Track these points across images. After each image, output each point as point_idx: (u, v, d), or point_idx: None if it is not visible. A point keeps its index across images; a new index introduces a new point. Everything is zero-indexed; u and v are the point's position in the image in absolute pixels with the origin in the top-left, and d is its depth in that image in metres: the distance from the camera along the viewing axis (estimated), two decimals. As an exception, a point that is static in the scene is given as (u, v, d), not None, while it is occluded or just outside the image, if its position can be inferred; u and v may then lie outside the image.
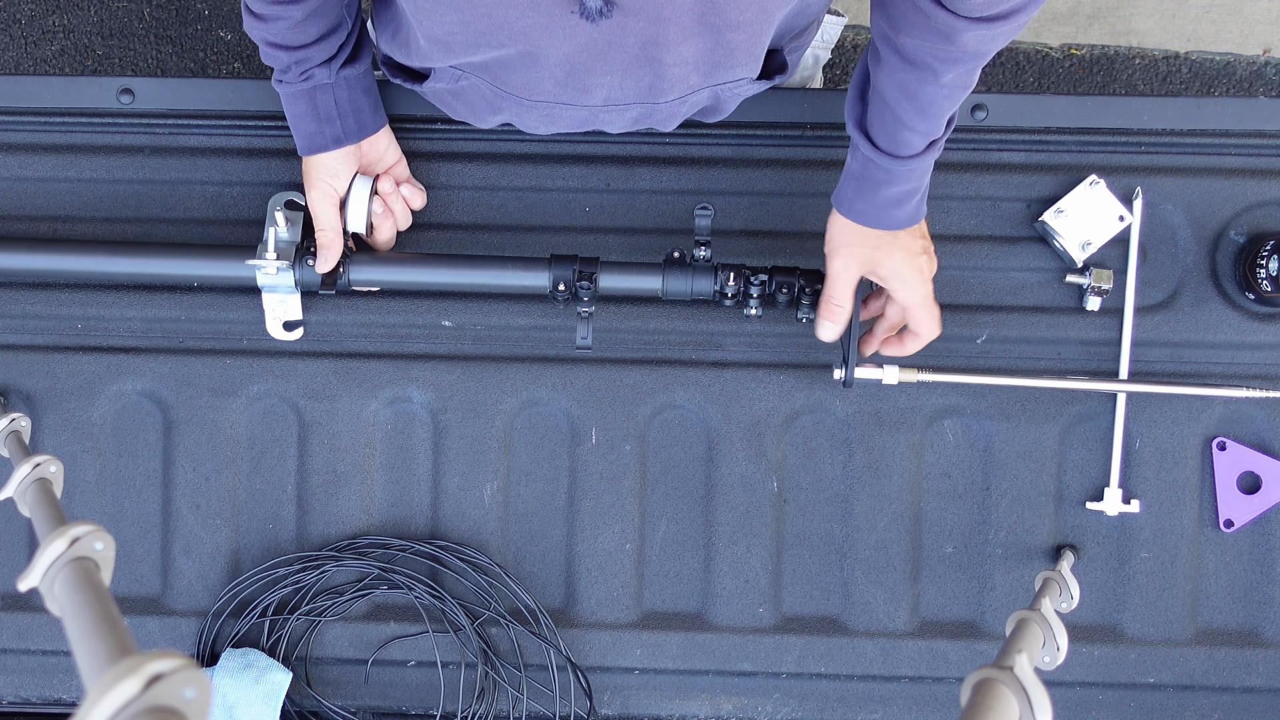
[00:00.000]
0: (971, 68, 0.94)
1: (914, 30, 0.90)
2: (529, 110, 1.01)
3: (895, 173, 1.00)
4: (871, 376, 1.12)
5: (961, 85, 0.95)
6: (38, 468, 0.80)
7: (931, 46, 0.90)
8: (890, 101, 0.96)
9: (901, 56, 0.93)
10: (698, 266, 1.11)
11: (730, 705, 1.22)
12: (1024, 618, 0.80)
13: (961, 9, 0.86)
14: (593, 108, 0.98)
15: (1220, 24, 2.15)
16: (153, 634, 1.21)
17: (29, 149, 1.21)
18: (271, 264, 1.11)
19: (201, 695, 0.42)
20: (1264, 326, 1.19)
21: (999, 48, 0.93)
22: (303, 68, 1.05)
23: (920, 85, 0.94)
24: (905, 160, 0.99)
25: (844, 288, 1.07)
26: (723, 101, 1.06)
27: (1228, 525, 1.20)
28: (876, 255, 1.05)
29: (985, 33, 0.88)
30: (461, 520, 1.21)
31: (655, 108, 1.00)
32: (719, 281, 1.10)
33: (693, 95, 0.99)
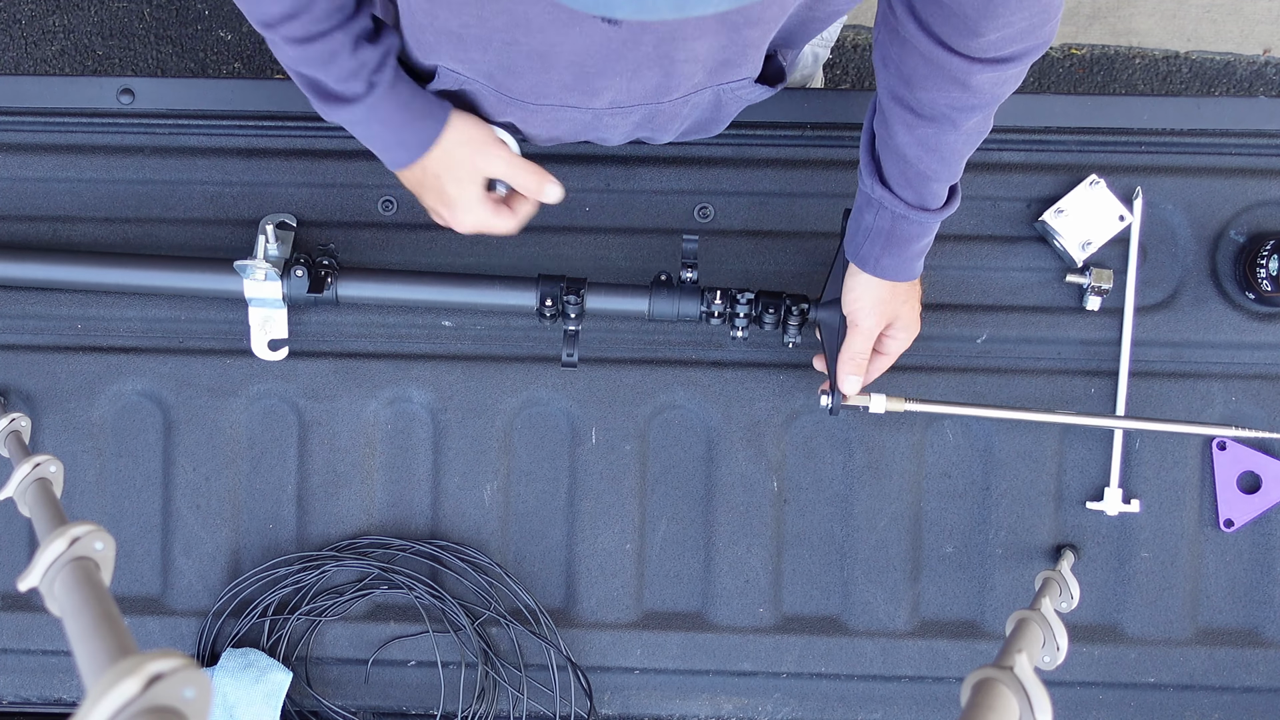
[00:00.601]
0: (987, 114, 0.94)
1: (928, 83, 0.90)
2: (534, 114, 1.00)
3: (928, 225, 1.01)
4: (859, 404, 1.12)
5: (979, 131, 0.96)
6: (38, 468, 0.81)
7: (948, 96, 0.91)
8: (912, 158, 0.96)
9: (918, 113, 0.93)
10: (684, 289, 1.11)
11: (730, 705, 1.22)
12: (1024, 617, 0.80)
13: (974, 51, 0.87)
14: (598, 110, 0.98)
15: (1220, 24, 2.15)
16: (153, 634, 1.21)
17: (29, 149, 1.21)
18: (261, 268, 1.11)
19: (201, 695, 0.42)
20: (1264, 326, 1.19)
21: (1009, 91, 0.93)
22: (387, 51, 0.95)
23: (941, 137, 0.94)
24: (936, 212, 1.00)
25: (870, 343, 1.08)
26: (722, 107, 1.06)
27: (1228, 525, 1.20)
28: (899, 308, 1.07)
29: (996, 75, 0.89)
30: (462, 520, 1.21)
31: (659, 109, 0.99)
32: (705, 303, 1.11)
33: (696, 95, 0.99)
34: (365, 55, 0.94)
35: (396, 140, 1.00)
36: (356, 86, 0.94)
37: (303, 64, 0.93)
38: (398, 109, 0.97)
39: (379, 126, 0.98)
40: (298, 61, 0.93)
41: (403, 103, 0.98)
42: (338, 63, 0.93)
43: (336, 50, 0.92)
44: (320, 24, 0.90)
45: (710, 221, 1.21)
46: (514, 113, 1.01)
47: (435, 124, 1.00)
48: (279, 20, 0.89)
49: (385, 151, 1.01)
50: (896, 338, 1.09)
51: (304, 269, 1.12)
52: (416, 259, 1.20)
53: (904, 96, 0.93)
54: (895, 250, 1.03)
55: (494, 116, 1.04)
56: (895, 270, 1.04)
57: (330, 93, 0.95)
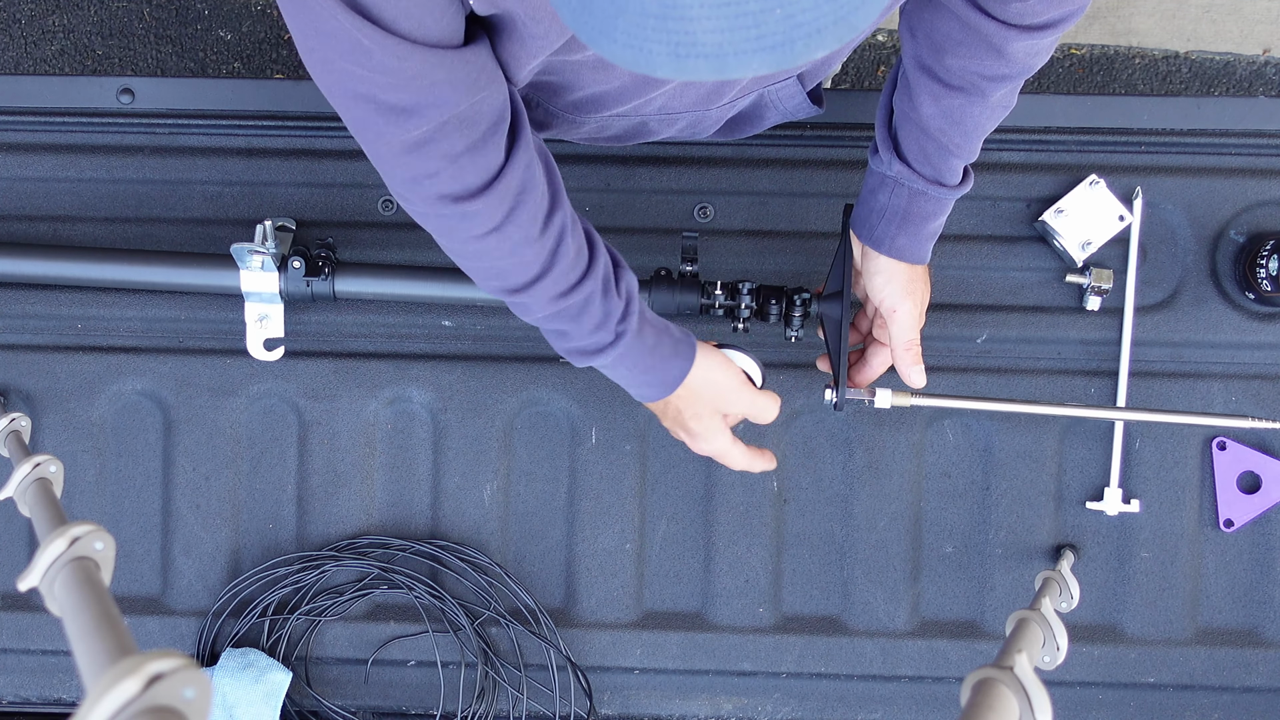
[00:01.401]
0: (1015, 86, 0.93)
1: (961, 50, 0.89)
2: (582, 124, 0.99)
3: (944, 203, 1.00)
4: (863, 398, 1.11)
5: (1004, 104, 0.95)
6: (38, 468, 0.80)
7: (980, 64, 0.90)
8: (934, 131, 0.95)
9: (946, 84, 0.92)
10: (684, 281, 1.11)
11: (730, 705, 1.22)
12: (1024, 617, 0.80)
13: (1011, 17, 0.86)
14: (646, 116, 0.97)
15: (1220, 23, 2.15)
16: (153, 634, 1.21)
17: (29, 149, 1.21)
18: (257, 254, 1.10)
19: (201, 695, 0.42)
20: (1264, 326, 1.19)
21: (1041, 62, 0.92)
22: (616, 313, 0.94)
23: (968, 109, 0.93)
24: (952, 189, 0.99)
25: (917, 326, 1.06)
26: (765, 108, 1.06)
27: (1228, 525, 1.20)
28: (923, 289, 1.05)
29: (1031, 43, 0.88)
30: (461, 520, 1.21)
31: (706, 114, 0.99)
32: (706, 295, 1.11)
33: (742, 99, 0.99)
34: (612, 305, 0.94)
35: (643, 381, 1.00)
36: (604, 337, 0.94)
37: (554, 320, 0.93)
38: (644, 354, 0.97)
39: (625, 371, 0.99)
40: (550, 319, 0.93)
41: (649, 348, 0.98)
42: (589, 313, 0.92)
43: (589, 300, 0.92)
44: (569, 277, 0.90)
45: (710, 221, 1.21)
46: (561, 125, 1.00)
47: (682, 365, 1.00)
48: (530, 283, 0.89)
49: (631, 389, 1.02)
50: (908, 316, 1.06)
51: (301, 260, 1.12)
52: (416, 258, 1.20)
53: (932, 66, 0.92)
54: (911, 229, 1.01)
55: (548, 124, 1.02)
56: (910, 250, 1.02)
57: (579, 346, 0.95)
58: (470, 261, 0.90)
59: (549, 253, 0.88)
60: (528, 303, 0.91)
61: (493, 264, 0.88)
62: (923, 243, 1.02)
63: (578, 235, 0.91)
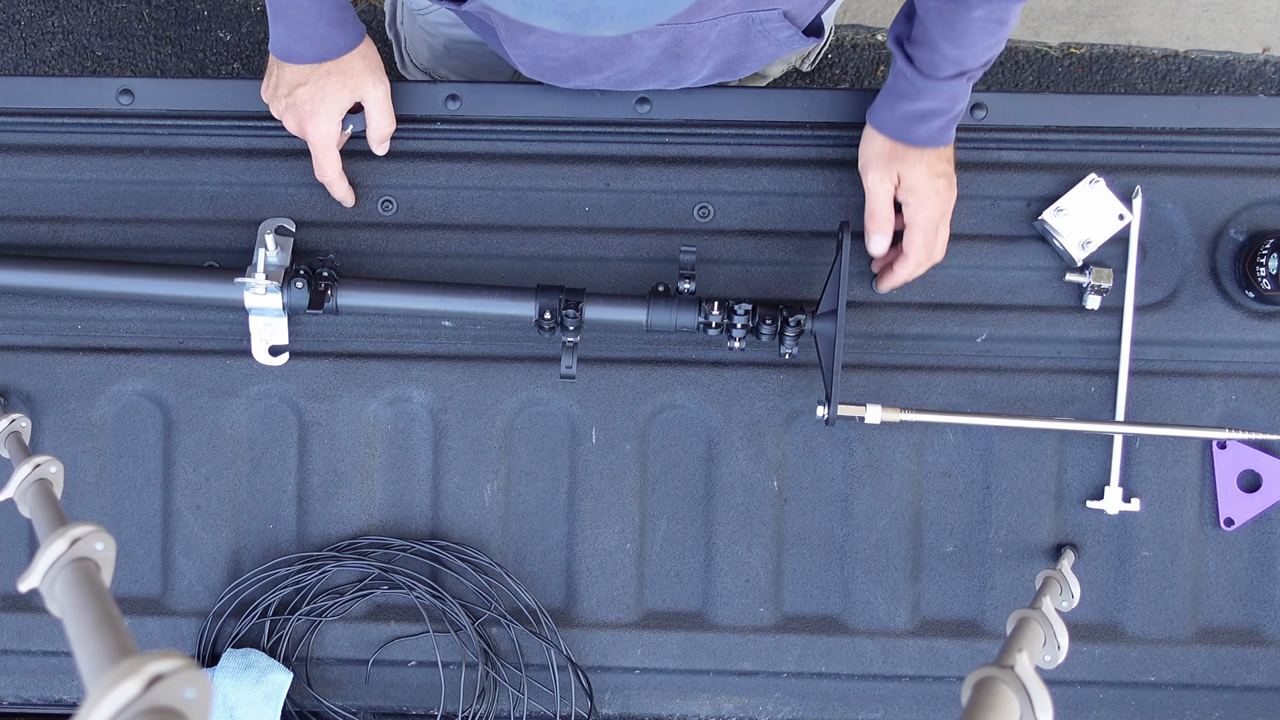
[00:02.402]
0: (1004, 4, 0.98)
1: None
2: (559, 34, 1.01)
3: (919, 88, 1.04)
4: (854, 415, 1.12)
5: (996, 20, 0.99)
6: (38, 468, 0.80)
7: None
8: (928, 24, 1.01)
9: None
10: (682, 299, 1.12)
11: (731, 705, 1.22)
12: (1025, 616, 0.80)
13: None
14: None
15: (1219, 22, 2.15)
16: (153, 634, 1.21)
17: (28, 150, 1.21)
18: (260, 284, 1.12)
19: (202, 696, 0.42)
20: (1264, 325, 1.19)
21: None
22: None
23: (956, 14, 0.99)
24: (929, 79, 1.03)
25: (883, 201, 1.11)
26: (751, 43, 1.07)
27: (1228, 524, 1.20)
28: (901, 168, 1.09)
29: None
30: (462, 520, 1.21)
31: (688, 30, 1.00)
32: (703, 314, 1.11)
33: (725, 19, 1.00)
34: None
35: (319, 34, 1.07)
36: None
37: None
38: (338, 8, 1.06)
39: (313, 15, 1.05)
40: None
41: (343, 3, 1.06)
42: None
43: None
44: None
45: (710, 221, 1.21)
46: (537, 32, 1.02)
47: (357, 34, 1.09)
48: None
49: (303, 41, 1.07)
50: (909, 203, 1.10)
51: (304, 281, 1.13)
52: (416, 259, 1.20)
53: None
54: (889, 104, 1.08)
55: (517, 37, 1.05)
56: (888, 126, 1.09)
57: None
58: None
59: None
60: None
61: None
62: (902, 122, 1.08)
63: None
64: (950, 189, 1.11)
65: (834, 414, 1.10)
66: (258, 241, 1.15)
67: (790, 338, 1.12)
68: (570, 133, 1.20)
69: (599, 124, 1.20)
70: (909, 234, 1.11)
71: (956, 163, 1.19)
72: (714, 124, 1.20)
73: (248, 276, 1.13)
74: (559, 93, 1.19)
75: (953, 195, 1.12)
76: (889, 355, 1.20)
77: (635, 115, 1.20)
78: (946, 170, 1.10)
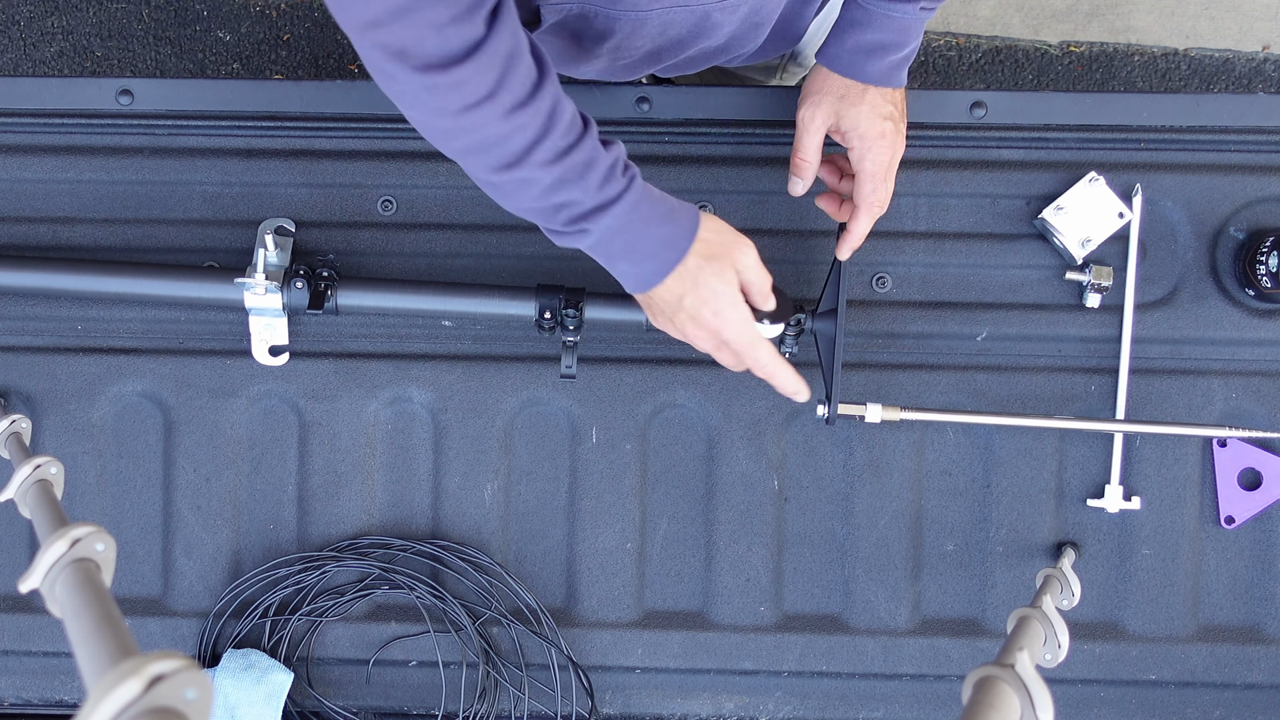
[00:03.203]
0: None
1: None
2: (645, 22, 0.97)
3: (872, 14, 1.01)
4: (854, 414, 1.12)
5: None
6: (38, 469, 0.80)
7: None
8: None
9: None
10: None
11: (732, 704, 1.22)
12: (1025, 615, 0.80)
13: None
14: (708, 6, 0.96)
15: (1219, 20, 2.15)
16: (154, 635, 1.21)
17: (28, 150, 1.21)
18: (260, 284, 1.12)
19: (203, 696, 0.42)
20: (1264, 323, 1.19)
21: None
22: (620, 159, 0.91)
23: None
24: (882, 4, 1.00)
25: (809, 138, 1.06)
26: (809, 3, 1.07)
27: (1229, 522, 1.20)
28: (841, 106, 1.04)
29: None
30: (462, 520, 1.21)
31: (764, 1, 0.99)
32: None
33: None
34: (616, 152, 0.90)
35: (660, 238, 0.93)
36: (615, 187, 0.89)
37: (557, 188, 0.88)
38: (655, 201, 0.93)
39: (640, 228, 0.92)
40: (552, 188, 0.88)
41: (657, 197, 0.93)
42: (596, 166, 0.88)
43: (594, 153, 0.87)
44: (569, 135, 0.86)
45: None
46: (624, 27, 0.98)
47: (691, 211, 0.95)
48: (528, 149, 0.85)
49: (650, 257, 0.93)
50: (854, 147, 1.05)
51: (304, 281, 1.13)
52: (416, 259, 1.20)
53: None
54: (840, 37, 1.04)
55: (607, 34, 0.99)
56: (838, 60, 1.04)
57: (585, 209, 0.89)
58: (462, 138, 0.85)
59: (546, 115, 0.84)
60: (529, 175, 0.86)
61: (487, 134, 0.84)
62: (851, 55, 1.03)
63: (571, 103, 0.88)
64: (898, 135, 1.05)
65: (834, 413, 1.10)
66: (258, 241, 1.15)
67: (790, 337, 1.12)
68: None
69: (599, 123, 1.20)
70: (858, 184, 1.06)
71: (956, 162, 1.19)
72: (714, 123, 1.20)
73: (248, 277, 1.13)
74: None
75: (901, 143, 1.05)
76: (889, 354, 1.20)
77: (635, 114, 1.20)
78: (893, 113, 1.04)
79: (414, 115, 0.85)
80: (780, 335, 1.07)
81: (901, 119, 1.06)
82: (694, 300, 0.96)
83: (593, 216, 0.89)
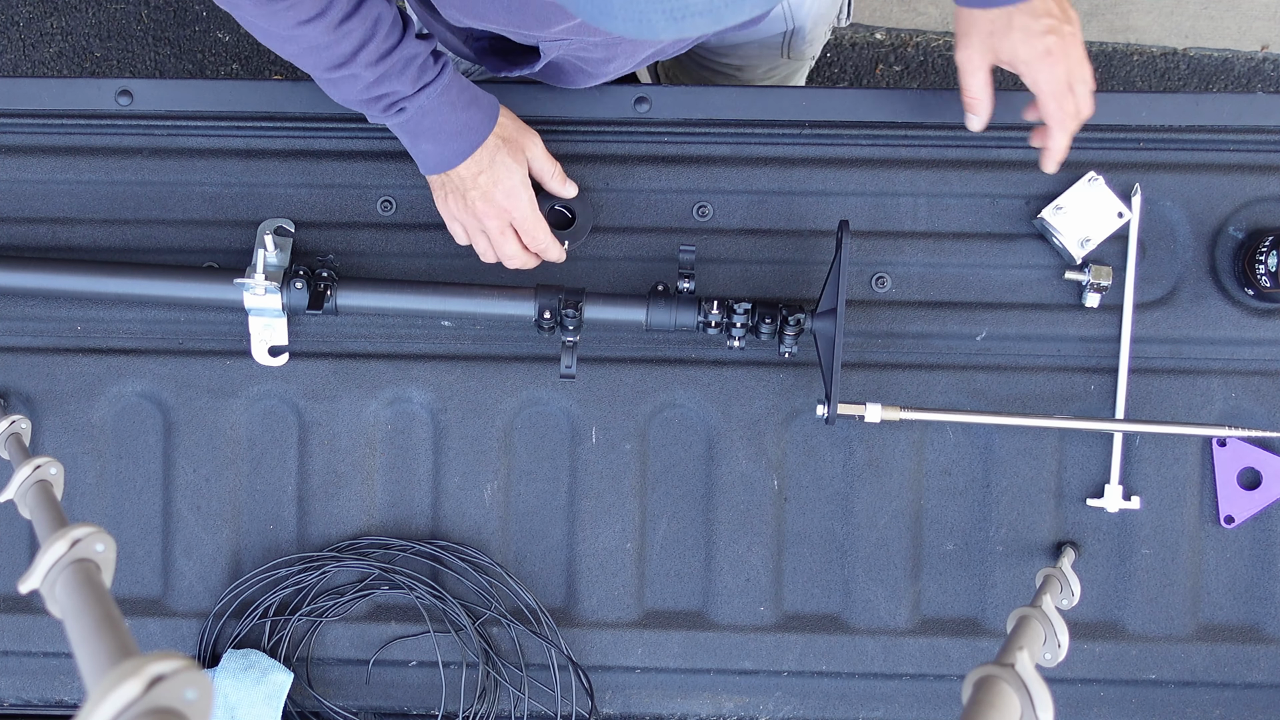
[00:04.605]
0: None
1: None
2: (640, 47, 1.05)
3: None
4: (854, 414, 1.13)
5: None
6: (38, 470, 0.80)
7: None
8: None
9: None
10: (681, 299, 1.12)
11: (732, 704, 1.22)
12: (1025, 615, 0.80)
13: None
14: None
15: (1218, 20, 2.15)
16: (154, 635, 1.21)
17: (27, 151, 1.21)
18: (260, 284, 1.12)
19: (203, 696, 0.42)
20: (1263, 322, 1.19)
21: None
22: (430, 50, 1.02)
23: None
24: None
25: (971, 78, 1.07)
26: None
27: (1228, 521, 1.20)
28: (994, 41, 1.04)
29: None
30: (462, 520, 1.21)
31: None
32: (702, 313, 1.12)
33: None
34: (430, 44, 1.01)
35: (465, 120, 1.04)
36: (429, 74, 1.01)
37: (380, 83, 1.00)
38: (463, 90, 1.04)
39: (448, 110, 1.03)
40: (375, 83, 0.99)
41: (464, 84, 1.04)
42: (414, 62, 1.00)
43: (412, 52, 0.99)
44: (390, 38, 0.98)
45: (709, 220, 1.21)
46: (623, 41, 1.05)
47: (491, 100, 1.06)
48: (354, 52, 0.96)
49: (454, 137, 1.04)
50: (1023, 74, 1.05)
51: (303, 281, 1.13)
52: (415, 259, 1.20)
53: None
54: None
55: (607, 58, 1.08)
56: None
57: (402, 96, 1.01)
58: (295, 45, 0.97)
59: (371, 22, 0.96)
60: (355, 73, 0.98)
61: (317, 42, 0.95)
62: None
63: (393, 9, 0.99)
64: (1064, 43, 1.02)
65: (834, 413, 1.10)
66: (257, 242, 1.15)
67: (790, 336, 1.12)
68: (569, 132, 1.20)
69: (598, 123, 1.20)
70: (1041, 105, 1.06)
71: (955, 161, 1.19)
72: (712, 123, 1.20)
73: (247, 277, 1.13)
74: (558, 92, 1.19)
75: (1073, 47, 1.03)
76: (889, 354, 1.20)
77: (634, 114, 1.20)
78: (1052, 25, 1.02)
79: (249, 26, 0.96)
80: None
81: (1065, 22, 1.03)
82: (489, 179, 1.07)
83: (409, 99, 1.02)
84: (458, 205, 1.10)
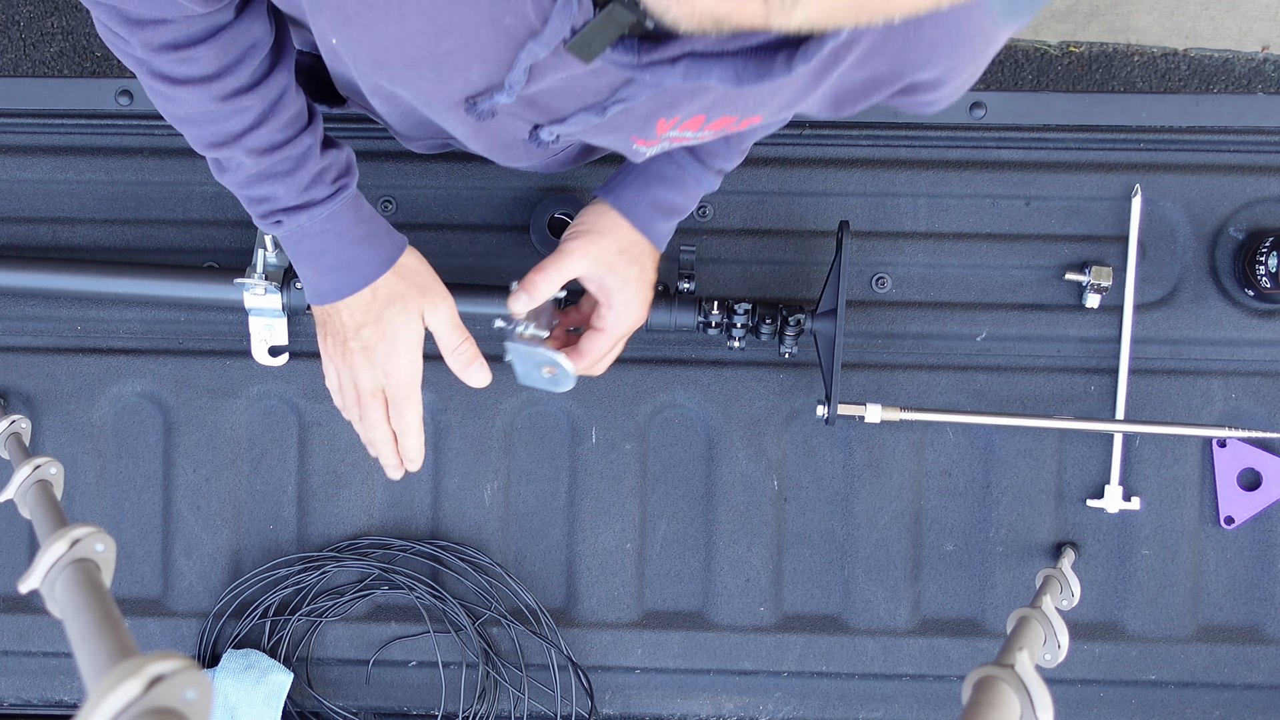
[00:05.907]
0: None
1: None
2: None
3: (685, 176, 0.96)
4: (854, 414, 1.13)
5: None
6: (38, 470, 0.80)
7: None
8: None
9: None
10: (681, 299, 1.12)
11: (731, 704, 1.22)
12: (1025, 615, 0.80)
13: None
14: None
15: (1218, 21, 2.15)
16: (154, 635, 1.21)
17: (28, 151, 1.21)
18: (260, 284, 1.12)
19: (203, 696, 0.42)
20: (1263, 323, 1.19)
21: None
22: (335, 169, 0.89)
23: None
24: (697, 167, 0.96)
25: (565, 270, 0.96)
26: None
27: (1228, 522, 1.20)
28: (618, 260, 0.96)
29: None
30: (462, 520, 1.21)
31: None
32: (703, 313, 1.11)
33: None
34: (331, 160, 0.88)
35: (350, 256, 0.90)
36: (320, 192, 0.88)
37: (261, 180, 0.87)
38: (360, 221, 0.90)
39: (332, 239, 0.90)
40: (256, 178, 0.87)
41: (365, 217, 0.91)
42: (305, 168, 0.87)
43: (304, 155, 0.86)
44: (285, 130, 0.85)
45: (708, 220, 1.21)
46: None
47: (396, 243, 0.93)
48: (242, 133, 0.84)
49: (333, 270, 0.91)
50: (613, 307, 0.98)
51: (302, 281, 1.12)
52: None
53: None
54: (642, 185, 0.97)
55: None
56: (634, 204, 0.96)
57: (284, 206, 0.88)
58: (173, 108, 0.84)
59: (269, 103, 0.84)
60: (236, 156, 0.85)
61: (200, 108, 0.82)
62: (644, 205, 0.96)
63: (300, 102, 0.87)
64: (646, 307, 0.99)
65: (834, 413, 1.10)
66: (257, 242, 1.15)
67: (790, 337, 1.12)
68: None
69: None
70: (596, 337, 0.99)
71: (956, 162, 1.19)
72: (713, 123, 1.20)
73: (247, 277, 1.13)
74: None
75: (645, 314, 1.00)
76: (889, 354, 1.20)
77: (634, 115, 1.20)
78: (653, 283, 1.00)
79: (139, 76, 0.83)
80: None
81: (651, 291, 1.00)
82: (373, 333, 0.92)
83: (288, 212, 0.88)
84: (336, 349, 0.95)
